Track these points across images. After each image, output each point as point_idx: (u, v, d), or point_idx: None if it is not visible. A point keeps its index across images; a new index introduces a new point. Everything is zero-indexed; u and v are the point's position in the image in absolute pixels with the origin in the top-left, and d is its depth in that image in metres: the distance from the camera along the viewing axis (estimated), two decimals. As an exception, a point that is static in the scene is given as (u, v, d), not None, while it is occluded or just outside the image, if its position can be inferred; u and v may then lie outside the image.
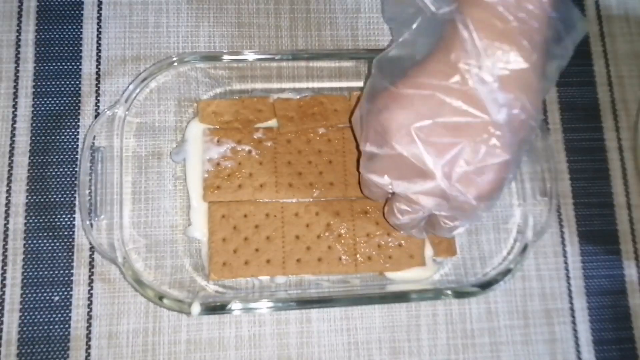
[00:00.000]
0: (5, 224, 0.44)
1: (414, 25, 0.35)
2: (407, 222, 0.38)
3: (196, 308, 0.39)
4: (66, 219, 0.44)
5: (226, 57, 0.44)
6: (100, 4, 0.48)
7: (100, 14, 0.48)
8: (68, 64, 0.47)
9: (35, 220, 0.44)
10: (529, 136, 0.34)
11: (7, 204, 0.44)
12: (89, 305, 0.43)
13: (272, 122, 0.46)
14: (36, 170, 0.45)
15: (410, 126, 0.33)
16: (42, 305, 0.43)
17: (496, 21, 0.31)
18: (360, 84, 0.46)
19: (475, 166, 0.33)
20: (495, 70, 0.31)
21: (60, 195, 0.45)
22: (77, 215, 0.45)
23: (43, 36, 0.47)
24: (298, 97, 0.46)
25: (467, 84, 0.32)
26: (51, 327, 0.43)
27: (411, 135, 0.33)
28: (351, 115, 0.41)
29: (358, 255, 0.44)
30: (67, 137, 0.46)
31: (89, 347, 0.43)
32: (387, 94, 0.34)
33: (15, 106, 0.46)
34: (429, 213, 0.37)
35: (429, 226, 0.40)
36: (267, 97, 0.46)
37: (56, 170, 0.45)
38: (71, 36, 0.48)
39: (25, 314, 0.43)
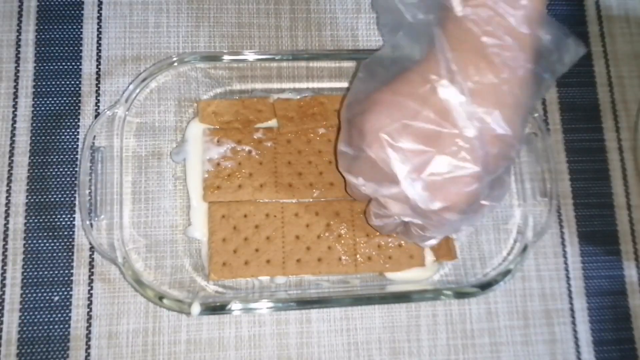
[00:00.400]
0: (5, 224, 0.44)
1: (400, 33, 0.36)
2: (380, 225, 0.39)
3: (196, 308, 0.39)
4: (66, 219, 0.44)
5: (226, 57, 0.44)
6: (100, 4, 0.48)
7: (101, 14, 0.48)
8: (68, 63, 0.47)
9: (35, 220, 0.44)
10: (507, 152, 0.33)
11: (7, 204, 0.44)
12: (89, 305, 0.43)
13: (272, 122, 0.46)
14: (36, 170, 0.45)
15: (382, 130, 0.33)
16: (42, 305, 0.43)
17: (468, 36, 0.31)
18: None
19: (442, 177, 0.33)
20: (466, 85, 0.31)
21: (60, 195, 0.45)
22: (77, 215, 0.45)
23: (43, 36, 0.47)
24: (298, 97, 0.46)
25: (438, 95, 0.32)
26: (51, 327, 0.43)
27: (381, 140, 0.33)
28: (339, 114, 0.41)
29: (358, 256, 0.44)
30: (67, 137, 0.46)
31: (88, 347, 0.43)
32: (369, 97, 0.35)
33: (15, 106, 0.46)
34: (400, 219, 0.37)
35: (404, 234, 0.41)
36: (267, 97, 0.46)
37: (56, 170, 0.45)
38: (71, 36, 0.48)
39: (25, 313, 0.43)
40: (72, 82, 0.47)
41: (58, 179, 0.45)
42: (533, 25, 0.31)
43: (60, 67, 0.47)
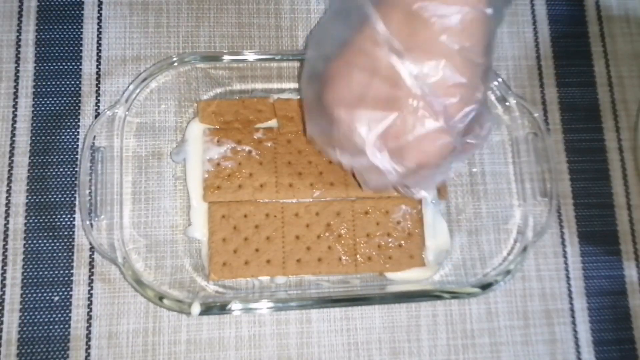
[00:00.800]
0: (5, 224, 0.44)
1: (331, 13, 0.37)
2: (372, 188, 0.40)
3: (196, 308, 0.39)
4: (66, 219, 0.44)
5: (226, 57, 0.44)
6: (100, 4, 0.48)
7: (101, 14, 0.48)
8: (68, 64, 0.47)
9: (35, 220, 0.44)
10: (469, 97, 0.33)
11: (7, 204, 0.44)
12: (89, 306, 0.43)
13: (273, 123, 0.46)
14: (36, 170, 0.45)
15: (342, 104, 0.34)
16: (42, 305, 0.43)
17: None
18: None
19: (406, 137, 0.33)
20: (405, 45, 0.32)
21: (60, 195, 0.45)
22: (77, 215, 0.45)
23: (43, 36, 0.47)
24: (298, 97, 0.46)
25: (382, 60, 0.32)
26: (51, 327, 0.43)
27: (344, 114, 0.34)
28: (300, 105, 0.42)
29: (358, 256, 0.44)
30: (67, 137, 0.46)
31: (88, 347, 0.43)
32: (325, 71, 0.36)
33: (15, 106, 0.46)
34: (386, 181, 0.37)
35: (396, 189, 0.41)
36: (267, 98, 0.46)
37: (56, 170, 0.45)
38: (71, 36, 0.48)
39: (25, 314, 0.43)
40: (72, 82, 0.47)
41: (58, 179, 0.45)
42: None
43: (61, 67, 0.47)
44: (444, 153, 0.34)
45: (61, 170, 0.45)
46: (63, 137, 0.46)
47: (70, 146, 0.46)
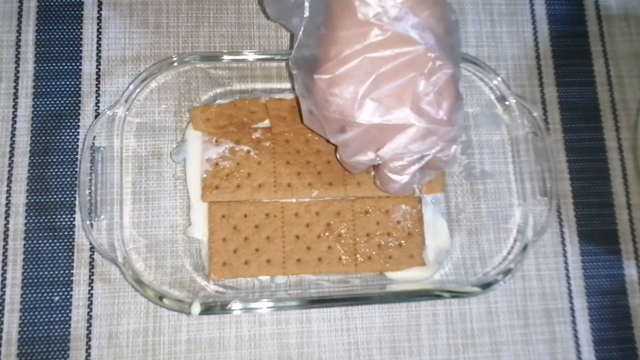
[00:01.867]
0: (5, 224, 0.44)
1: (305, 14, 0.37)
2: (407, 179, 0.39)
3: (196, 308, 0.39)
4: (66, 219, 0.44)
5: (226, 57, 0.44)
6: (100, 4, 0.48)
7: (100, 14, 0.48)
8: (68, 64, 0.47)
9: (36, 221, 0.44)
10: (454, 30, 0.36)
11: (8, 204, 0.44)
12: (89, 306, 0.43)
13: (267, 123, 0.46)
14: (36, 171, 0.45)
15: (358, 96, 0.34)
16: (42, 305, 0.43)
17: None
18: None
19: (433, 92, 0.34)
20: (396, 5, 0.33)
21: (60, 196, 0.45)
22: (77, 216, 0.45)
23: (43, 36, 0.47)
24: (291, 97, 0.46)
25: (383, 30, 0.33)
26: (51, 327, 0.43)
27: (365, 104, 0.34)
28: (302, 119, 0.41)
29: (358, 255, 0.44)
30: (67, 137, 0.46)
31: (89, 347, 0.43)
32: (320, 83, 0.36)
33: (15, 106, 0.46)
34: (420, 156, 0.38)
35: (424, 173, 0.41)
36: (259, 99, 0.46)
37: (56, 170, 0.45)
38: (71, 36, 0.48)
39: (26, 314, 0.43)
40: (72, 83, 0.47)
41: (58, 179, 0.45)
42: None
43: (60, 67, 0.47)
44: (459, 93, 0.36)
45: (61, 170, 0.45)
46: (63, 137, 0.46)
47: (70, 146, 0.46)
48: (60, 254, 0.44)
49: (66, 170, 0.45)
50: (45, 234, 0.44)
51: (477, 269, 0.44)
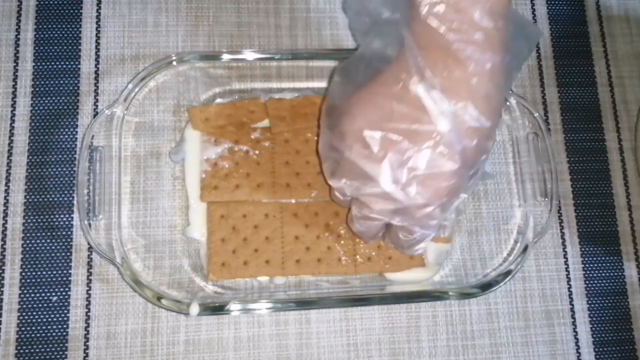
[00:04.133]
0: (3, 224, 0.44)
1: (371, 35, 0.37)
2: (363, 230, 0.39)
3: (195, 308, 0.39)
4: (64, 219, 0.44)
5: (225, 57, 0.43)
6: (99, 3, 0.48)
7: (99, 13, 0.48)
8: (67, 63, 0.47)
9: (34, 220, 0.44)
10: (484, 145, 0.34)
11: (6, 204, 0.44)
12: (87, 306, 0.43)
13: (266, 123, 0.45)
14: (34, 170, 0.45)
15: (360, 130, 0.34)
16: (40, 305, 0.43)
17: (434, 34, 0.32)
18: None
19: (422, 172, 0.33)
20: (436, 81, 0.32)
21: (58, 195, 0.45)
22: (76, 215, 0.44)
23: (42, 35, 0.47)
24: (291, 96, 0.46)
25: (411, 93, 0.32)
26: (49, 327, 0.43)
27: (361, 141, 0.34)
28: (318, 119, 0.41)
29: (358, 256, 0.44)
30: (66, 136, 0.46)
31: (87, 347, 0.42)
32: (346, 100, 0.36)
33: (13, 105, 0.46)
34: (383, 221, 0.37)
35: (390, 240, 0.41)
36: (258, 98, 0.45)
37: (54, 169, 0.45)
38: (70, 35, 0.47)
39: (24, 314, 0.43)
40: (71, 82, 0.47)
41: (56, 179, 0.45)
42: (496, 18, 0.32)
43: (59, 66, 0.47)
44: (452, 194, 0.34)
45: (59, 169, 0.45)
46: (61, 136, 0.46)
47: (68, 146, 0.46)
48: (58, 254, 0.44)
49: (64, 169, 0.45)
50: (43, 234, 0.44)
51: (477, 270, 0.44)
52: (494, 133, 0.35)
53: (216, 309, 0.39)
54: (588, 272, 0.47)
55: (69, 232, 0.44)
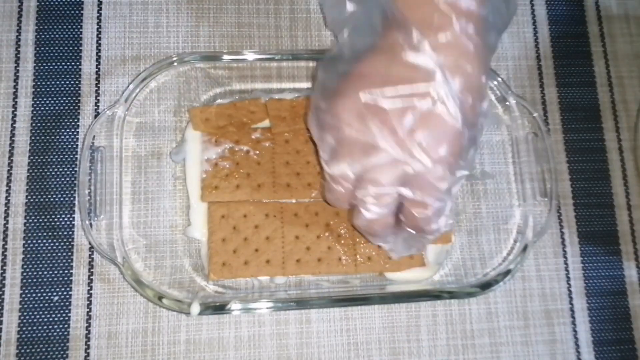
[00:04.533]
0: (4, 224, 0.44)
1: (346, 28, 0.37)
2: (375, 216, 0.36)
3: (195, 308, 0.39)
4: (66, 219, 0.44)
5: (226, 57, 0.44)
6: (100, 3, 0.48)
7: (100, 14, 0.48)
8: (68, 63, 0.47)
9: (35, 220, 0.44)
10: (479, 103, 0.34)
11: (7, 204, 0.44)
12: (89, 305, 0.43)
13: (266, 123, 0.46)
14: (36, 170, 0.45)
15: (357, 105, 0.34)
16: (41, 305, 0.43)
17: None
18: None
19: (424, 132, 0.33)
20: (424, 41, 0.32)
21: (59, 195, 0.45)
22: (77, 215, 0.45)
23: (43, 36, 0.47)
24: (291, 97, 0.46)
25: (402, 56, 0.33)
26: (50, 327, 0.43)
27: (359, 114, 0.34)
28: (305, 116, 0.41)
29: (358, 256, 0.44)
30: (67, 137, 0.46)
31: (88, 347, 0.43)
32: (335, 89, 0.36)
33: (15, 106, 0.46)
34: (393, 200, 0.36)
35: (407, 223, 0.37)
36: (258, 98, 0.46)
37: (56, 170, 0.45)
38: (71, 36, 0.48)
39: (25, 313, 0.43)
40: (72, 82, 0.47)
41: (57, 179, 0.45)
42: None
43: (60, 67, 0.47)
44: (456, 153, 0.34)
45: (61, 170, 0.45)
46: (62, 137, 0.46)
47: (69, 146, 0.46)
48: (59, 254, 0.44)
49: (65, 170, 0.45)
50: (45, 234, 0.44)
51: (477, 270, 0.44)
52: (487, 92, 0.35)
53: (217, 308, 0.39)
54: (587, 271, 0.48)
55: (70, 232, 0.44)
